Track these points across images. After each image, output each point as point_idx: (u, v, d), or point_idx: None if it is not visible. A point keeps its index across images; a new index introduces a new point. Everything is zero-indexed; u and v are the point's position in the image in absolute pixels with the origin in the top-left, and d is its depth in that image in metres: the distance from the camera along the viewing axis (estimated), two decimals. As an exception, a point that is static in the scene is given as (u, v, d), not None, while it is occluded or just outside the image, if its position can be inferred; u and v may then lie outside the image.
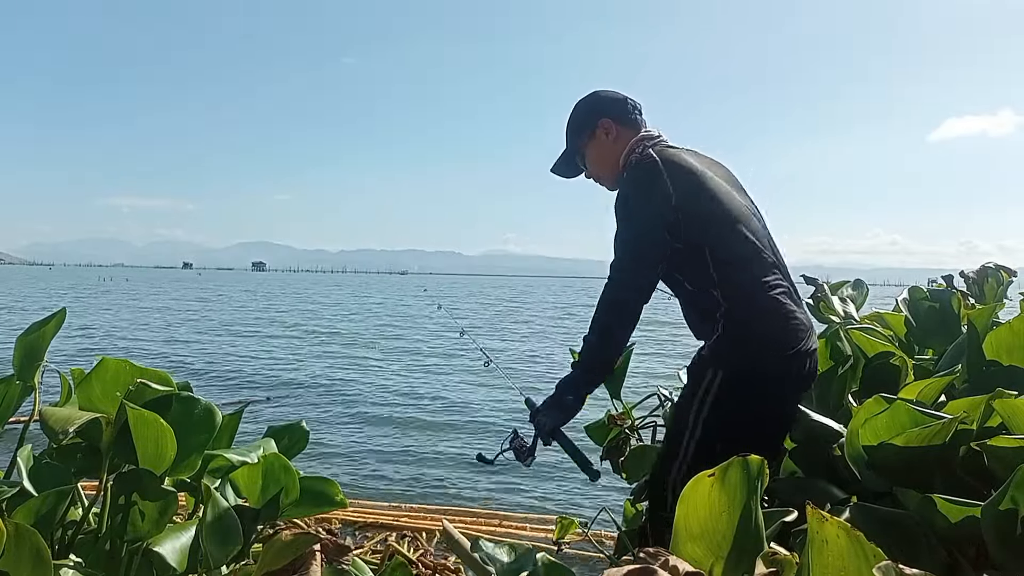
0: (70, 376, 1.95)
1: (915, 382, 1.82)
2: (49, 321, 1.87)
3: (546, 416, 1.90)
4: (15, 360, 1.83)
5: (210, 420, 1.76)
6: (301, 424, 2.27)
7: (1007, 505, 1.17)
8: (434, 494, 4.95)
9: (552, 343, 16.58)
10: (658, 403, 2.91)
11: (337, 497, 2.04)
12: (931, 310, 2.45)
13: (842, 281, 3.08)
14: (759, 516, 0.98)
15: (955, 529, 1.27)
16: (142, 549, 1.64)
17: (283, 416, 7.73)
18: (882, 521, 1.31)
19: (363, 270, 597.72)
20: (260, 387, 9.95)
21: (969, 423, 1.53)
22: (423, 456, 6.08)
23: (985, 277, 2.85)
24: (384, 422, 7.67)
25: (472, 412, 8.35)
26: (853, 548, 0.82)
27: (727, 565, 0.96)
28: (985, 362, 1.86)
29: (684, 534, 0.98)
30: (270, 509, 1.92)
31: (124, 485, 1.70)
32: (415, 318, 24.45)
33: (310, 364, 12.40)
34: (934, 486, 1.40)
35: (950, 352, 2.09)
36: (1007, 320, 1.90)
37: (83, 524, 1.74)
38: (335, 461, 5.88)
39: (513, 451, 1.97)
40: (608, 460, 2.90)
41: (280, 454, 1.96)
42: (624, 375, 2.97)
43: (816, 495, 1.65)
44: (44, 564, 1.27)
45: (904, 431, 1.47)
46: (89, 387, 1.74)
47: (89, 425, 1.60)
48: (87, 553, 1.69)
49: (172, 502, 1.73)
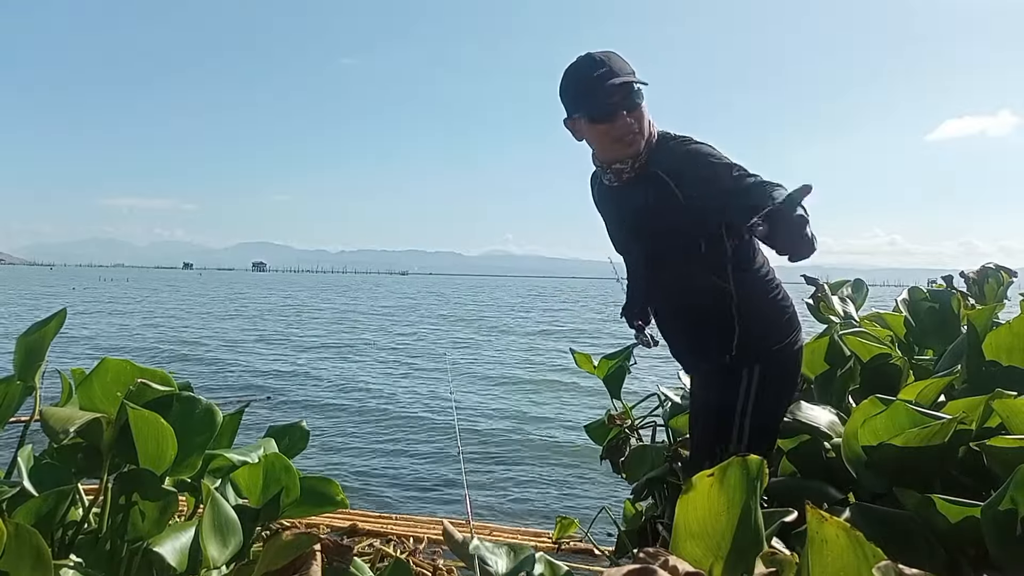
0: (71, 376, 1.95)
1: (915, 382, 1.83)
2: (50, 321, 1.87)
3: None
4: (16, 360, 1.83)
5: (211, 420, 1.76)
6: (301, 424, 2.27)
7: (1007, 505, 1.17)
8: (425, 505, 4.92)
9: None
10: (658, 403, 2.92)
11: (338, 497, 2.03)
12: (931, 310, 2.45)
13: (842, 280, 3.09)
14: (759, 516, 0.98)
15: (955, 529, 1.27)
16: (142, 549, 1.64)
17: (283, 416, 7.73)
18: (882, 521, 1.31)
19: (363, 270, 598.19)
20: (260, 388, 9.96)
21: (968, 423, 1.53)
22: (414, 467, 6.05)
23: (985, 278, 2.85)
24: (379, 429, 7.66)
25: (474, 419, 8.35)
26: (853, 548, 0.83)
27: (727, 565, 0.96)
28: (984, 362, 1.87)
29: (684, 534, 0.98)
30: (270, 509, 1.92)
31: (124, 485, 1.70)
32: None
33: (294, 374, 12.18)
34: (933, 486, 1.40)
35: (950, 352, 2.09)
36: (1007, 320, 1.90)
37: (83, 524, 1.74)
38: (328, 469, 5.87)
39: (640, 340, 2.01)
40: (608, 460, 2.90)
41: (281, 454, 1.96)
42: (624, 375, 2.97)
43: (814, 495, 1.65)
44: (44, 564, 1.27)
45: (903, 431, 1.47)
46: (90, 387, 1.74)
47: (90, 425, 1.60)
48: (87, 553, 1.69)
49: (172, 502, 1.73)
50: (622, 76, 1.70)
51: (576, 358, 3.15)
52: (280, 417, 7.69)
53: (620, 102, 1.70)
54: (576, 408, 8.71)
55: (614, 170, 1.82)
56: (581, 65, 1.75)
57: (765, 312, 1.84)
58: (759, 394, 1.80)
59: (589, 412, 7.19)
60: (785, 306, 1.88)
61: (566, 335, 20.02)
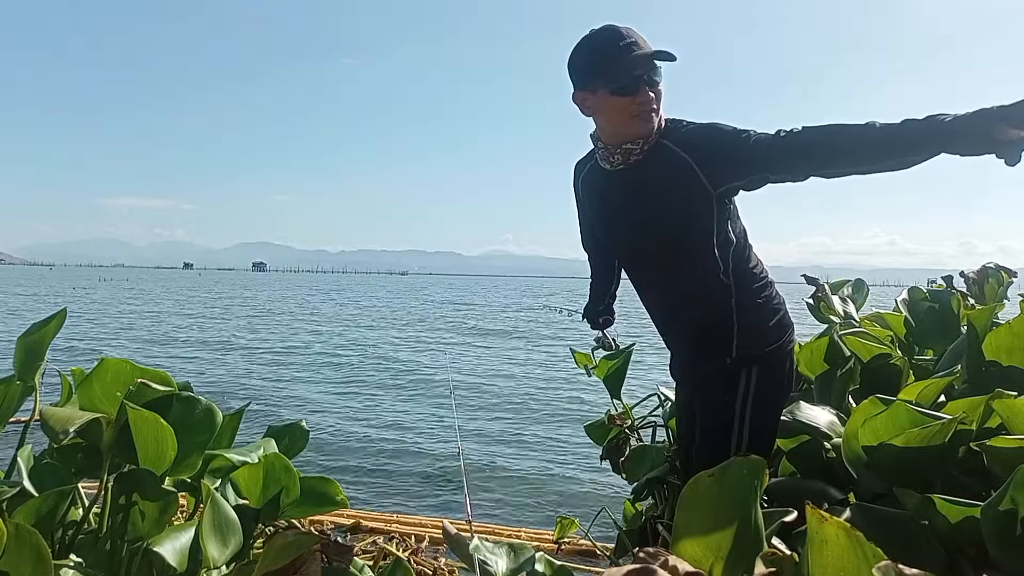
0: (71, 376, 1.95)
1: (915, 383, 1.83)
2: (50, 321, 1.87)
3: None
4: (16, 360, 1.83)
5: (211, 420, 1.76)
6: (301, 424, 2.27)
7: (1007, 505, 1.17)
8: (426, 504, 4.92)
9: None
10: (658, 403, 2.92)
11: (338, 497, 2.04)
12: (931, 310, 2.45)
13: (842, 280, 3.09)
14: (759, 516, 0.98)
15: (955, 529, 1.27)
16: (142, 549, 1.64)
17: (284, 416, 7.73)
18: (882, 521, 1.31)
19: (363, 271, 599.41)
20: (261, 389, 9.97)
21: (968, 423, 1.53)
22: (416, 467, 6.05)
23: (985, 278, 2.85)
24: (379, 428, 7.66)
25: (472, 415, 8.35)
26: (853, 548, 0.83)
27: (727, 565, 0.96)
28: (985, 363, 1.86)
29: (684, 534, 0.98)
30: (270, 509, 1.92)
31: (124, 485, 1.70)
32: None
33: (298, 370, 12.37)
34: (934, 486, 1.40)
35: (950, 353, 2.09)
36: (1007, 320, 1.90)
37: (83, 524, 1.74)
38: (328, 468, 5.87)
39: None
40: (608, 460, 2.90)
41: (281, 454, 1.96)
42: (624, 375, 2.97)
43: (814, 495, 1.65)
44: (44, 564, 1.27)
45: (904, 432, 1.47)
46: (89, 387, 1.74)
47: (89, 425, 1.60)
48: (87, 553, 1.69)
49: (172, 502, 1.73)
50: (646, 49, 1.65)
51: (576, 357, 3.15)
52: (281, 417, 7.70)
53: (644, 75, 1.65)
54: (577, 408, 8.71)
55: (623, 150, 1.74)
56: (605, 34, 1.68)
57: (762, 311, 1.83)
58: (758, 396, 1.79)
59: (589, 412, 7.20)
60: (778, 305, 1.87)
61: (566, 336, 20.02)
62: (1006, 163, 1.29)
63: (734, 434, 1.78)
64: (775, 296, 1.88)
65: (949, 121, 1.33)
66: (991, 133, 1.29)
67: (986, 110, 1.30)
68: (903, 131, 1.39)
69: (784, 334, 1.85)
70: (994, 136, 1.29)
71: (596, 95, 1.71)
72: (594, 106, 1.74)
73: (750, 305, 1.81)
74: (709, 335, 1.84)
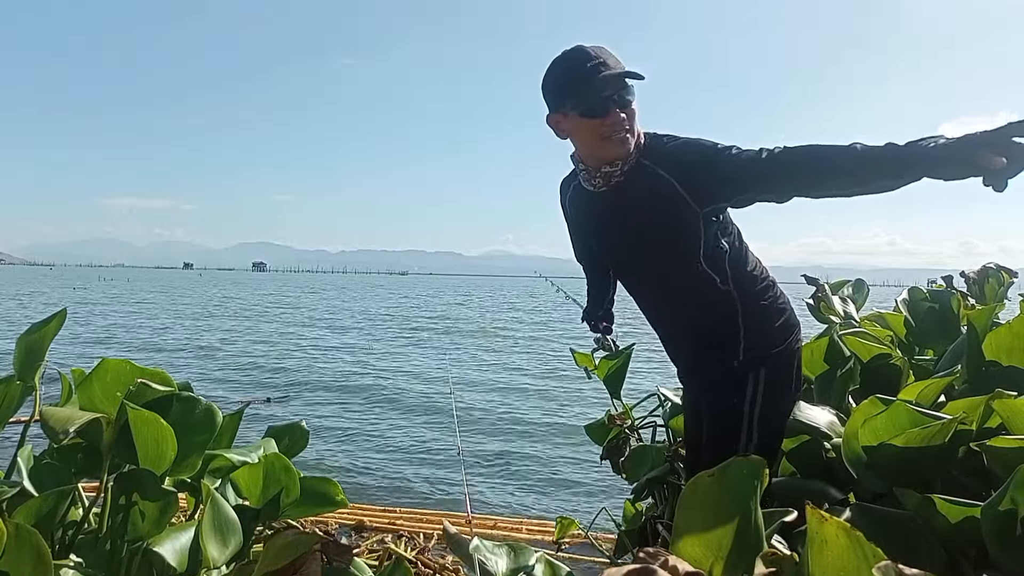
0: (71, 376, 1.95)
1: (915, 383, 1.82)
2: (50, 321, 1.87)
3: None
4: (16, 360, 1.83)
5: (210, 420, 1.76)
6: (301, 424, 2.27)
7: (1007, 505, 1.17)
8: (429, 499, 4.93)
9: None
10: (658, 403, 2.92)
11: (338, 497, 2.04)
12: (931, 311, 2.45)
13: (842, 281, 3.09)
14: (759, 516, 0.98)
15: (955, 529, 1.27)
16: (142, 549, 1.64)
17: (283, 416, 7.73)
18: (882, 521, 1.31)
19: (363, 270, 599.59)
20: (261, 388, 9.96)
21: (968, 424, 1.53)
22: (417, 460, 6.06)
23: (985, 278, 2.85)
24: (379, 426, 7.66)
25: (471, 415, 8.35)
26: (853, 548, 0.82)
27: (727, 565, 0.96)
28: (985, 363, 1.86)
29: (684, 534, 0.98)
30: (270, 509, 1.92)
31: (124, 485, 1.70)
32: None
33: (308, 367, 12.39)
34: (934, 486, 1.40)
35: (950, 353, 2.09)
36: (1007, 320, 1.90)
37: (83, 524, 1.74)
38: (329, 464, 5.88)
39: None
40: (608, 460, 2.90)
41: (281, 454, 1.96)
42: (624, 375, 2.97)
43: (814, 495, 1.65)
44: (44, 564, 1.27)
45: (904, 432, 1.46)
46: (89, 387, 1.74)
47: (89, 425, 1.60)
48: (87, 553, 1.69)
49: (172, 502, 1.73)
50: (615, 69, 1.63)
51: (576, 357, 3.15)
52: (280, 415, 7.70)
53: (613, 96, 1.63)
54: (576, 408, 8.71)
55: (603, 174, 1.73)
56: (572, 56, 1.66)
57: (767, 313, 1.83)
58: (766, 397, 1.78)
59: (588, 412, 7.20)
60: (783, 305, 1.87)
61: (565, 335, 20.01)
62: (993, 189, 1.29)
63: (742, 436, 1.78)
64: (779, 296, 1.87)
65: (933, 147, 1.33)
66: (975, 160, 1.28)
67: (970, 136, 1.30)
68: (886, 155, 1.38)
69: (790, 334, 1.85)
70: (978, 163, 1.28)
71: (568, 117, 1.70)
72: (567, 128, 1.73)
73: (755, 308, 1.81)
74: (715, 340, 1.84)
